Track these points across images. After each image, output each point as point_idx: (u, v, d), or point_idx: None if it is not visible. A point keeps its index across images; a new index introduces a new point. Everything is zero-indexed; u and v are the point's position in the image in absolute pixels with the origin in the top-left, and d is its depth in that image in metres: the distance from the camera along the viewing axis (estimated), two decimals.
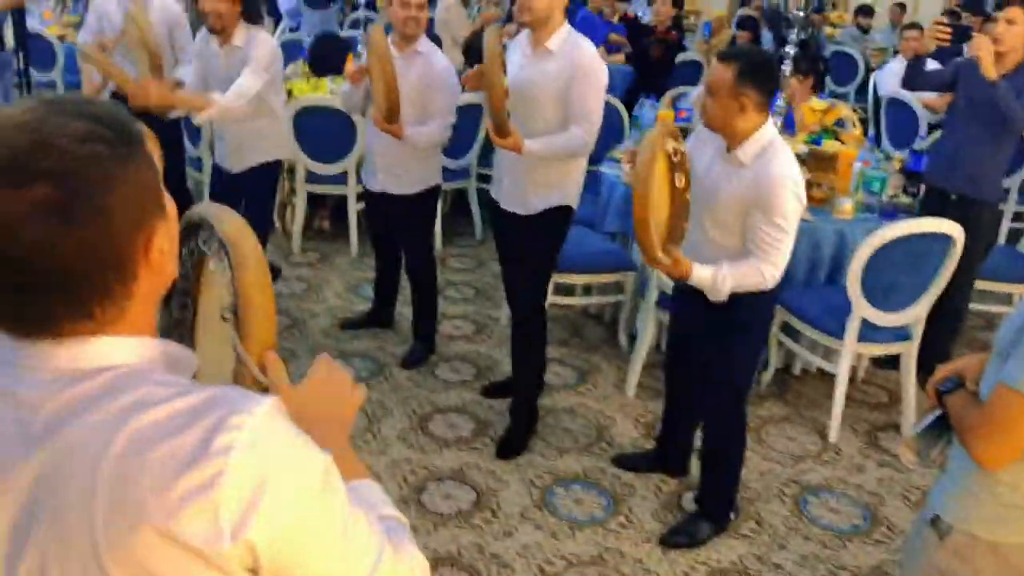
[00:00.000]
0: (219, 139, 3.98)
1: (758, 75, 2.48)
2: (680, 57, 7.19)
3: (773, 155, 2.48)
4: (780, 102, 4.57)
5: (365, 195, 3.99)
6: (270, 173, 3.97)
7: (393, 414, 3.52)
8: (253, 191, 3.86)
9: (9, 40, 6.57)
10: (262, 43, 3.62)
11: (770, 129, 2.54)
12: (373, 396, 3.63)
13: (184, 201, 1.40)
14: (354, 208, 5.06)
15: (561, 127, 3.01)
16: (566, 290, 4.10)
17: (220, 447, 0.78)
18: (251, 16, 3.66)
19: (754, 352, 2.83)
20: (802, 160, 4.02)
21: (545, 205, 3.16)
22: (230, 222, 1.02)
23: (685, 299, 2.81)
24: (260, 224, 3.74)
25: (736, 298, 2.56)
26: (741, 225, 2.54)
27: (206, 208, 1.08)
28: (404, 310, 4.29)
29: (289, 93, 4.86)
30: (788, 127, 4.55)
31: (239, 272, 0.99)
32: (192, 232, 1.09)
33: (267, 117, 3.77)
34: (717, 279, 2.49)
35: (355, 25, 8.09)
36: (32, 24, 7.11)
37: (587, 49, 3.00)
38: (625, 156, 4.31)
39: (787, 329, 3.70)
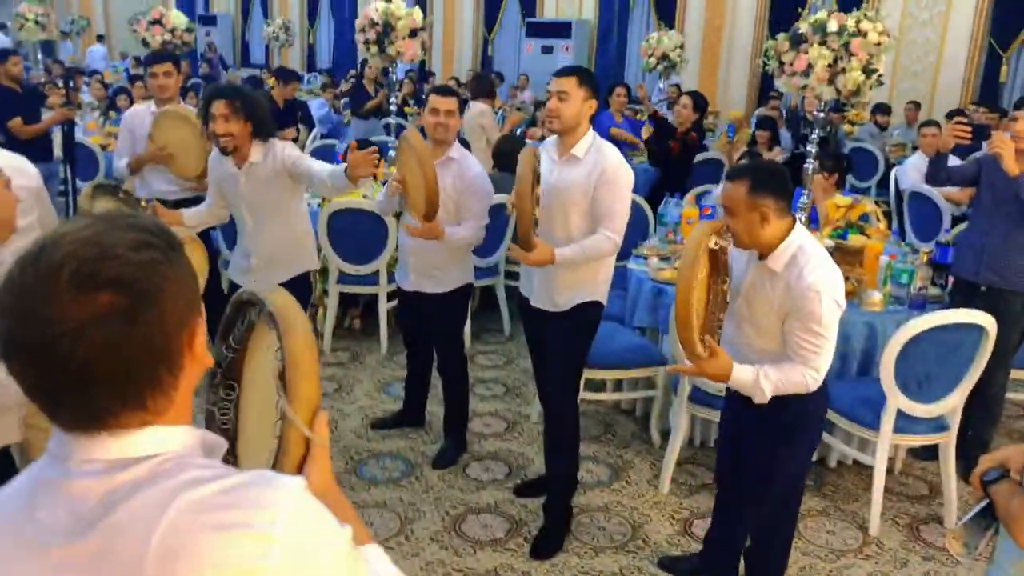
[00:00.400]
0: (244, 255, 3.71)
1: (770, 183, 2.49)
2: (701, 156, 7.37)
3: (805, 262, 2.45)
4: (804, 199, 4.67)
5: (398, 294, 4.07)
6: (305, 284, 3.83)
7: (425, 515, 3.49)
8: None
9: (57, 150, 6.89)
10: (288, 147, 3.48)
11: (798, 234, 2.52)
12: (405, 497, 3.61)
13: (220, 300, 1.49)
14: (384, 307, 5.14)
15: (589, 229, 3.10)
16: (597, 386, 4.11)
17: (266, 521, 0.86)
18: (263, 135, 3.44)
19: (800, 460, 2.73)
20: (830, 254, 4.07)
21: (575, 302, 3.21)
22: (278, 294, 1.13)
23: (734, 399, 2.75)
24: None
25: (783, 400, 2.52)
26: (780, 330, 2.53)
27: (254, 287, 1.18)
28: (435, 408, 4.31)
29: (324, 198, 5.03)
30: (813, 222, 4.62)
31: (287, 337, 1.07)
32: (241, 310, 1.19)
33: (298, 227, 3.68)
34: (759, 378, 2.47)
35: (386, 130, 8.38)
36: (76, 133, 7.46)
37: (611, 155, 3.10)
38: (657, 252, 4.39)
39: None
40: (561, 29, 13.96)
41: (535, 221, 2.99)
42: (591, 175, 3.07)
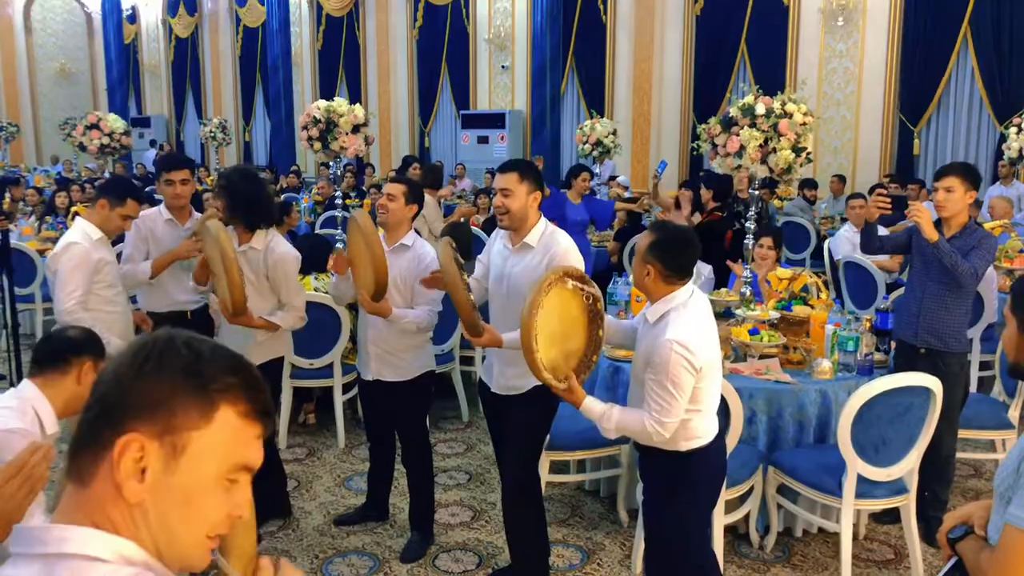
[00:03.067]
0: (223, 335, 3.95)
1: (665, 249, 2.70)
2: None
3: (674, 319, 2.65)
4: (746, 272, 4.84)
5: (360, 386, 4.04)
6: (277, 369, 4.11)
7: None
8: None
9: None
10: (282, 253, 3.83)
11: (681, 295, 2.71)
12: None
13: None
14: (340, 400, 5.09)
15: None
16: (560, 468, 4.11)
17: None
18: (256, 224, 3.82)
19: (687, 526, 2.79)
20: (774, 325, 4.22)
21: (533, 383, 3.21)
22: None
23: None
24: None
25: (662, 463, 2.72)
26: None
27: None
28: (396, 500, 4.25)
29: None
30: (756, 296, 4.78)
31: None
32: None
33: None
34: (604, 414, 2.70)
35: (331, 223, 8.43)
36: (12, 240, 7.31)
37: (562, 241, 3.20)
38: None
39: (784, 491, 3.73)
40: (495, 120, 14.39)
41: (472, 305, 3.06)
42: (542, 261, 3.15)
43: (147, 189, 9.99)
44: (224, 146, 15.46)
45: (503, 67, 14.65)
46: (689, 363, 2.56)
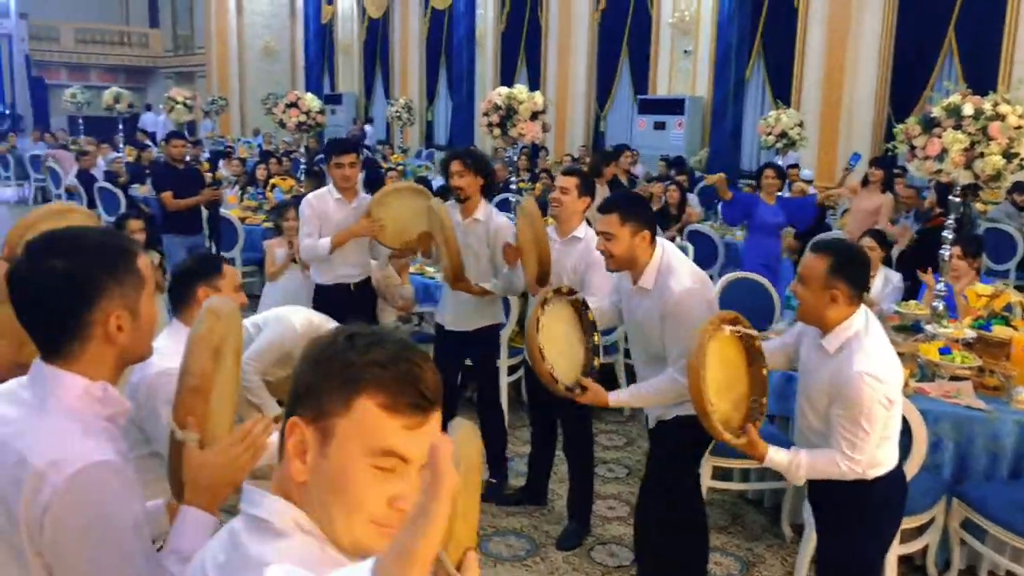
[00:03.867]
0: (447, 302, 4.29)
1: (850, 268, 2.50)
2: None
3: (858, 348, 2.46)
4: (940, 285, 4.52)
5: (526, 371, 4.13)
6: (495, 334, 4.37)
7: None
8: (484, 350, 4.32)
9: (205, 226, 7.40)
10: (500, 219, 4.14)
11: (858, 320, 2.52)
12: None
13: None
14: (505, 380, 5.21)
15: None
16: (724, 474, 4.03)
17: None
18: (489, 193, 4.23)
19: (869, 552, 2.66)
20: (969, 345, 3.92)
21: (675, 413, 3.10)
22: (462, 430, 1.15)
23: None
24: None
25: (838, 488, 2.54)
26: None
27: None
28: (556, 487, 4.32)
29: None
30: (951, 311, 4.45)
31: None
32: None
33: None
34: (792, 463, 2.53)
35: (505, 206, 8.63)
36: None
37: (674, 289, 2.90)
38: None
39: (969, 526, 3.48)
40: (674, 105, 14.10)
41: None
42: (656, 309, 2.96)
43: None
44: (408, 126, 16.09)
45: (685, 51, 14.31)
46: (884, 396, 2.41)
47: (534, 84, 16.94)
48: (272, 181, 9.40)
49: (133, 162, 12.04)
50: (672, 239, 7.11)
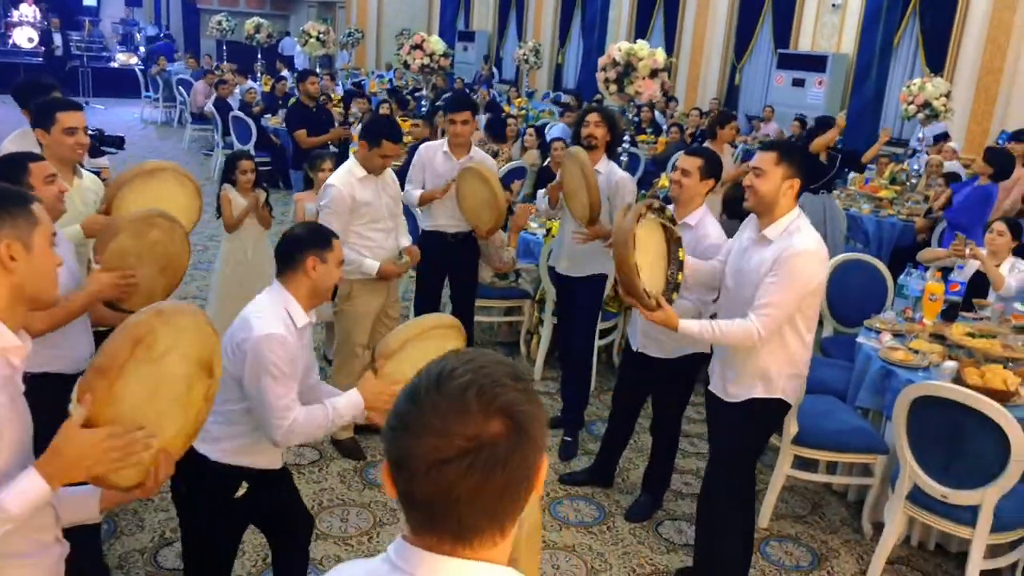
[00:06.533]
0: (563, 248, 4.44)
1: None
2: None
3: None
4: None
5: (624, 352, 4.08)
6: (599, 285, 4.47)
7: (612, 568, 3.49)
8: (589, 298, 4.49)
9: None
10: (620, 173, 4.30)
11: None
12: (594, 546, 3.64)
13: None
14: (595, 342, 5.18)
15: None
16: (807, 464, 3.90)
17: None
18: (612, 150, 4.32)
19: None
20: None
21: (747, 395, 3.04)
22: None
23: None
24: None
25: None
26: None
27: None
28: (633, 456, 4.30)
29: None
30: None
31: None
32: None
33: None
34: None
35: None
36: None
37: (800, 244, 2.85)
38: (892, 327, 4.09)
39: None
40: (816, 62, 13.34)
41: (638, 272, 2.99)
42: (771, 258, 2.88)
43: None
44: (535, 69, 15.94)
45: (834, 5, 13.45)
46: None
47: (670, 32, 16.39)
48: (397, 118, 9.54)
49: (268, 91, 12.48)
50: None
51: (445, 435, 0.92)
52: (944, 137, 9.80)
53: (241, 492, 2.50)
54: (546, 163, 7.35)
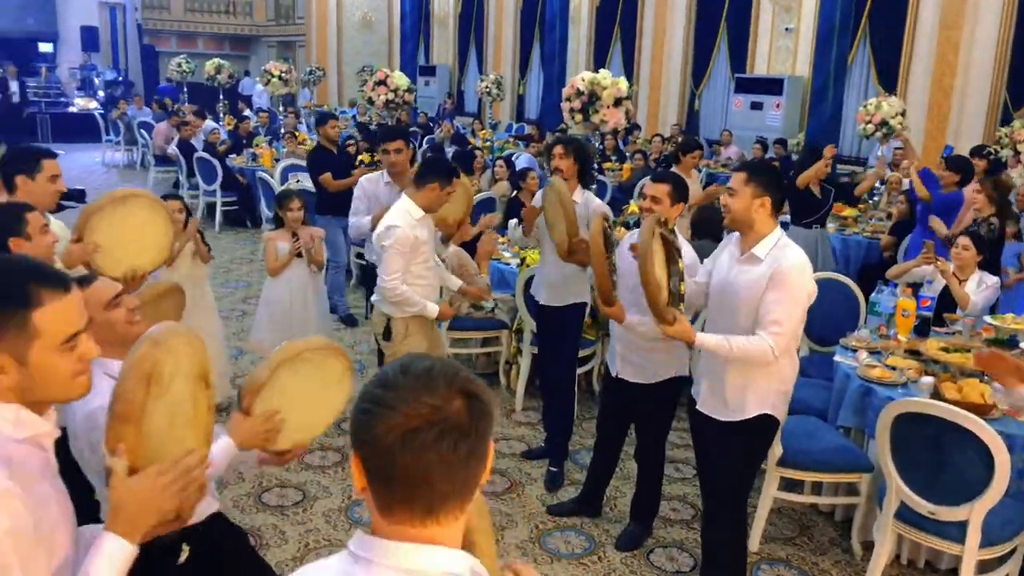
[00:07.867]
0: (541, 279, 4.52)
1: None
2: None
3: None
4: None
5: (605, 378, 4.08)
6: (579, 313, 4.49)
7: None
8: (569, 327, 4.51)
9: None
10: (596, 201, 4.31)
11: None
12: None
13: None
14: (576, 370, 5.17)
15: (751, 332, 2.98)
16: (792, 485, 3.91)
17: None
18: (584, 179, 4.34)
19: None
20: None
21: (739, 413, 3.07)
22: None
23: None
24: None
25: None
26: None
27: None
28: (620, 484, 4.28)
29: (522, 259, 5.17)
30: None
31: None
32: None
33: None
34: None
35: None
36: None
37: (791, 258, 2.95)
38: (868, 345, 4.15)
39: None
40: (772, 85, 13.60)
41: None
42: (766, 274, 2.95)
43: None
44: (498, 101, 16.06)
45: (787, 29, 13.76)
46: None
47: (628, 60, 16.63)
48: (360, 157, 9.53)
49: (231, 130, 12.41)
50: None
51: (415, 407, 1.05)
52: (901, 149, 9.99)
53: (183, 558, 2.15)
54: (514, 194, 7.38)
